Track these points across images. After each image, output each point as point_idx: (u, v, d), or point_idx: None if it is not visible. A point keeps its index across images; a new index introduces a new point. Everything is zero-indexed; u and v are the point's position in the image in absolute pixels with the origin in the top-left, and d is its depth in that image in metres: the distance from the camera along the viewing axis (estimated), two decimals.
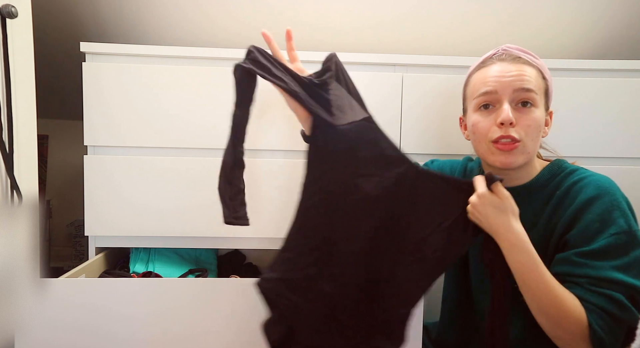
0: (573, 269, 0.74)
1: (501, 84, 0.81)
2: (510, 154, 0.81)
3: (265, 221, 1.19)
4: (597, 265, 0.72)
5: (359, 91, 0.95)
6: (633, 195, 1.19)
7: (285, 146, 1.19)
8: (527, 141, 0.81)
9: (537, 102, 0.81)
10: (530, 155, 0.83)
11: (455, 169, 1.05)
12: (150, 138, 1.16)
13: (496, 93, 0.82)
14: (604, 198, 0.76)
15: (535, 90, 0.81)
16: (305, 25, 1.36)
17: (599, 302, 0.70)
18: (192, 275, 1.21)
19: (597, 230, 0.74)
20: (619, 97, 1.19)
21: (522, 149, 0.81)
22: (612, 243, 0.73)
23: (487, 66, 0.86)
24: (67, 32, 1.42)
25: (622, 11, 1.34)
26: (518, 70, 0.81)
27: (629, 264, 0.72)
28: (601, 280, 0.71)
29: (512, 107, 0.81)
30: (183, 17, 1.35)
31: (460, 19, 1.35)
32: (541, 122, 0.82)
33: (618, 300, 0.69)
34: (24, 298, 0.43)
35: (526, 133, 0.80)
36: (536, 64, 0.84)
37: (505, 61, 0.84)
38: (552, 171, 0.86)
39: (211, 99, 1.16)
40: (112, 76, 1.14)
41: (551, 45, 1.42)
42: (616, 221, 0.74)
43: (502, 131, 0.80)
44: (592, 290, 0.71)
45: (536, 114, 0.81)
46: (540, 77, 0.84)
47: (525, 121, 0.80)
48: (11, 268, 0.42)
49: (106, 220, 1.16)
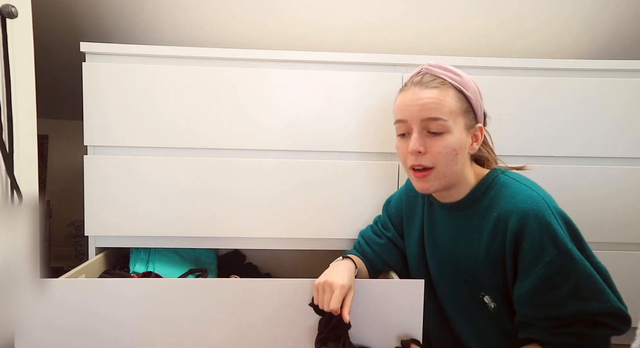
0: (533, 311, 0.77)
1: (410, 113, 0.83)
2: (425, 181, 0.84)
3: (265, 221, 1.19)
4: (552, 301, 0.75)
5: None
6: (635, 195, 1.20)
7: (285, 146, 1.19)
8: (441, 166, 0.82)
9: (449, 127, 0.81)
10: (449, 178, 0.85)
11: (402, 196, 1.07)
12: (151, 138, 1.16)
13: (406, 122, 0.84)
14: (530, 226, 0.77)
15: (444, 117, 0.81)
16: (305, 24, 1.37)
17: (566, 341, 0.74)
18: (192, 275, 1.20)
19: (533, 260, 0.76)
20: (618, 98, 1.19)
21: (436, 174, 0.83)
22: (550, 272, 0.74)
23: (404, 91, 0.86)
24: (67, 32, 1.42)
25: (620, 11, 1.34)
26: (428, 98, 0.81)
27: (576, 288, 0.74)
28: (561, 319, 0.75)
29: (423, 135, 0.82)
30: (184, 17, 1.35)
31: (459, 20, 1.35)
32: (456, 145, 0.82)
33: (581, 334, 0.74)
34: (24, 298, 0.43)
35: (437, 159, 0.82)
36: (456, 84, 0.83)
37: (418, 85, 0.84)
38: (485, 184, 0.87)
39: (212, 99, 1.16)
40: (112, 76, 1.14)
41: (548, 45, 1.42)
42: (547, 247, 0.75)
43: (414, 160, 0.83)
44: (556, 333, 0.75)
45: (447, 141, 0.81)
46: (458, 98, 0.83)
47: (436, 149, 0.82)
48: (11, 268, 0.41)
49: (106, 220, 1.16)
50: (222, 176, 1.17)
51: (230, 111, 1.17)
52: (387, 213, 1.10)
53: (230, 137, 1.17)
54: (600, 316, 0.73)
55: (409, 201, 1.04)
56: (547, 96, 1.19)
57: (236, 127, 1.17)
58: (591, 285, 0.74)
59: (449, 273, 0.93)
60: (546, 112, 1.20)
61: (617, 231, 1.21)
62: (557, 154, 1.21)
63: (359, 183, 1.20)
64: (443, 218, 0.94)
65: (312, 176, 1.19)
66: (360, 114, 1.19)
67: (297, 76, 1.17)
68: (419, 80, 0.85)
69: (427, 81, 0.83)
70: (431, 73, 0.85)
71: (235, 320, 0.89)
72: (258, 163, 1.18)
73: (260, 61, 1.18)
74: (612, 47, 1.43)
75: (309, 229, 1.20)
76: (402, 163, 0.89)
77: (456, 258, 0.91)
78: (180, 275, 1.21)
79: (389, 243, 1.07)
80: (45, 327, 0.86)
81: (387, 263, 1.06)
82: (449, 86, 0.83)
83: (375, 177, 1.20)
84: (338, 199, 1.20)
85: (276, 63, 1.19)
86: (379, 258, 1.06)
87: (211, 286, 0.89)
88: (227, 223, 1.18)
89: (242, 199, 1.18)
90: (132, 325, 0.87)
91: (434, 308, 1.00)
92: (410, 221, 1.03)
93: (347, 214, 1.20)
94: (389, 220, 1.09)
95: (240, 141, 1.18)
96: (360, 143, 1.20)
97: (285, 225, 1.20)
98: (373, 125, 1.19)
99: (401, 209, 1.06)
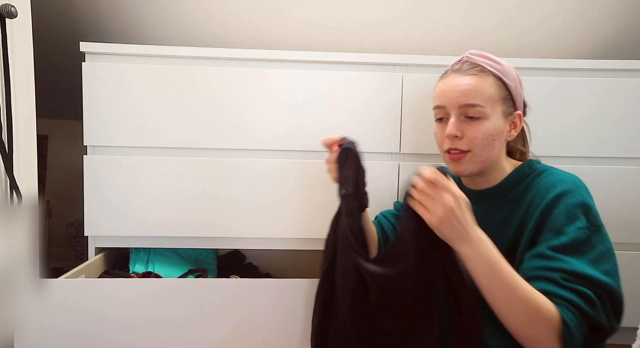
0: (547, 262, 0.74)
1: (449, 99, 0.85)
2: (459, 164, 0.86)
3: (265, 221, 1.19)
4: (569, 259, 0.73)
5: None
6: (637, 195, 1.20)
7: (285, 146, 1.18)
8: (477, 150, 0.84)
9: (487, 113, 0.84)
10: (485, 162, 0.86)
11: None
12: (151, 138, 1.16)
13: (445, 108, 0.87)
14: (569, 194, 0.78)
15: (481, 104, 0.83)
16: (306, 24, 1.36)
17: (572, 298, 0.70)
18: (192, 275, 1.20)
19: (564, 223, 0.76)
20: (620, 97, 1.19)
21: (472, 158, 0.85)
22: (579, 237, 0.74)
23: (444, 78, 0.89)
24: (66, 32, 1.41)
25: (622, 11, 1.34)
26: (466, 84, 0.84)
27: (597, 259, 0.74)
28: (574, 275, 0.72)
29: (460, 120, 0.85)
30: (184, 16, 1.35)
31: (459, 19, 1.35)
32: (493, 131, 0.84)
33: (589, 297, 0.70)
34: (24, 298, 0.43)
35: (473, 144, 0.84)
36: (496, 71, 0.86)
37: (458, 72, 0.87)
38: (522, 172, 0.89)
39: (212, 99, 1.16)
40: (112, 76, 1.14)
41: (550, 43, 1.42)
42: (581, 216, 0.76)
43: (450, 144, 0.86)
44: (565, 286, 0.71)
45: (484, 126, 0.84)
46: (497, 85, 0.85)
47: (473, 134, 0.84)
48: (11, 268, 0.41)
49: (106, 220, 1.16)
50: (223, 176, 1.17)
51: (231, 110, 1.17)
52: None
53: (231, 137, 1.17)
54: (607, 291, 0.71)
55: None
56: (556, 96, 1.19)
57: (237, 127, 1.17)
58: (611, 263, 0.74)
59: None
60: (554, 112, 1.20)
61: (628, 231, 1.21)
62: (565, 155, 1.21)
63: None
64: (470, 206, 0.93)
65: (312, 176, 1.19)
66: (360, 114, 1.19)
67: (297, 75, 1.17)
68: (459, 67, 0.87)
69: (466, 69, 0.86)
70: (471, 61, 0.87)
71: (235, 320, 0.89)
72: (258, 163, 1.18)
73: (261, 60, 1.18)
74: (620, 47, 1.43)
75: (309, 229, 1.20)
76: (438, 147, 0.91)
77: None
78: (180, 275, 1.21)
79: None
80: (44, 327, 0.86)
81: None
82: (488, 74, 0.85)
83: (376, 177, 1.20)
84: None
85: (277, 63, 1.18)
86: (393, 227, 1.06)
87: (211, 286, 0.89)
88: (227, 223, 1.18)
89: (242, 199, 1.18)
90: (131, 325, 0.87)
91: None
92: None
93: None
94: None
95: (241, 141, 1.18)
96: (361, 143, 1.19)
97: (285, 225, 1.19)
98: (373, 125, 1.19)
99: None
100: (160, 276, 1.16)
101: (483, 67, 0.85)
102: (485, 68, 0.85)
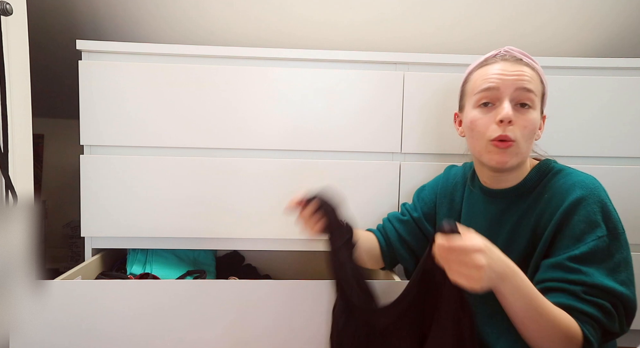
0: (568, 275, 0.74)
1: (503, 81, 0.82)
2: (505, 153, 0.82)
3: (264, 222, 1.18)
4: (589, 270, 0.73)
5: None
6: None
7: (285, 145, 1.17)
8: (522, 142, 0.81)
9: (535, 104, 0.82)
10: (523, 157, 0.84)
11: (439, 183, 1.07)
12: (147, 137, 1.15)
13: (498, 90, 0.82)
14: (589, 199, 0.77)
15: (535, 91, 0.82)
16: (306, 21, 1.35)
17: (593, 312, 0.71)
18: (191, 277, 1.19)
19: (584, 231, 0.76)
20: (623, 95, 1.19)
21: (516, 149, 0.82)
22: (598, 246, 0.74)
23: (489, 64, 0.86)
24: (62, 30, 1.40)
25: (626, 9, 1.33)
26: (520, 70, 0.82)
27: (614, 268, 0.74)
28: (594, 288, 0.72)
29: (511, 107, 0.81)
30: (181, 14, 1.34)
31: (462, 17, 1.34)
32: (537, 124, 0.83)
33: (608, 309, 0.71)
34: (20, 299, 0.42)
35: (522, 133, 0.81)
36: (536, 68, 0.86)
37: (507, 61, 0.85)
38: (540, 171, 0.87)
39: (211, 98, 1.15)
40: (109, 74, 1.13)
41: (553, 42, 1.42)
42: (601, 224, 0.76)
43: (501, 130, 0.81)
44: (587, 300, 0.72)
45: (533, 116, 0.82)
46: (539, 80, 0.85)
47: (523, 122, 0.81)
48: (6, 270, 0.40)
49: (103, 220, 1.15)
50: (222, 176, 1.16)
51: (230, 109, 1.16)
52: (419, 198, 1.09)
53: (230, 136, 1.16)
54: (623, 302, 0.72)
55: (446, 188, 1.03)
56: (565, 95, 1.19)
57: (236, 126, 1.16)
58: (628, 272, 0.74)
59: None
60: (563, 111, 1.19)
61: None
62: (574, 154, 1.20)
63: (360, 182, 1.19)
64: (484, 206, 0.92)
65: (312, 176, 1.18)
66: (361, 114, 1.18)
67: (297, 74, 1.16)
68: (507, 56, 0.85)
69: (517, 58, 0.84)
70: (512, 55, 0.86)
71: (234, 322, 0.88)
72: (257, 162, 1.17)
73: (261, 59, 1.17)
74: (619, 46, 1.43)
75: None
76: (479, 136, 0.85)
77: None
78: (178, 277, 1.20)
79: (412, 222, 1.06)
80: (40, 329, 0.85)
81: (405, 241, 1.04)
82: (532, 68, 0.84)
83: (376, 176, 1.19)
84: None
85: (277, 61, 1.17)
86: (398, 235, 1.05)
87: (210, 287, 0.88)
88: (226, 223, 1.17)
89: (242, 199, 1.17)
90: (129, 327, 0.86)
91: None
92: (444, 208, 1.02)
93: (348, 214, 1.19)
94: (419, 204, 1.08)
95: (241, 141, 1.17)
96: (361, 143, 1.19)
97: (285, 225, 1.18)
98: (374, 124, 1.18)
99: (435, 196, 1.06)
100: (158, 278, 1.15)
101: (526, 62, 0.84)
102: (531, 63, 0.85)
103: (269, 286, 0.89)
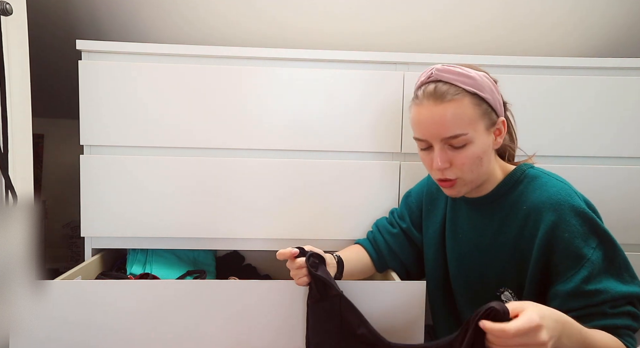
0: (590, 299, 0.75)
1: (430, 133, 0.83)
2: (453, 189, 0.86)
3: (264, 221, 1.18)
4: (605, 286, 0.75)
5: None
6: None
7: (285, 145, 1.17)
8: (466, 175, 0.84)
9: (471, 139, 0.81)
10: (477, 181, 0.87)
11: (424, 188, 1.08)
12: (148, 137, 1.15)
13: (427, 140, 0.85)
14: (565, 216, 0.78)
15: (464, 132, 0.80)
16: (306, 16, 1.35)
17: (624, 322, 0.74)
18: (190, 277, 1.19)
19: (579, 247, 0.77)
20: (623, 96, 1.19)
21: (462, 182, 0.85)
22: (599, 257, 0.77)
23: (419, 105, 0.84)
24: (62, 30, 1.40)
25: (625, 9, 1.33)
26: (445, 114, 0.80)
27: (618, 272, 0.77)
28: (615, 300, 0.75)
29: (445, 149, 0.83)
30: (182, 14, 1.34)
31: (464, 15, 1.34)
32: (479, 152, 0.82)
33: (633, 313, 0.75)
34: (20, 299, 0.42)
35: (462, 169, 0.83)
36: (470, 89, 0.81)
37: (433, 99, 0.81)
38: (514, 178, 0.88)
39: (211, 98, 1.15)
40: (109, 74, 1.13)
41: (553, 43, 1.41)
42: (591, 235, 0.78)
43: (440, 174, 0.85)
44: (614, 314, 0.74)
45: (470, 151, 0.82)
46: (475, 103, 0.81)
47: (460, 160, 0.82)
48: (6, 270, 0.40)
49: (103, 220, 1.14)
50: (221, 176, 1.16)
51: (230, 109, 1.16)
52: (407, 204, 1.10)
53: (230, 136, 1.16)
54: (638, 297, 0.76)
55: (430, 193, 1.05)
56: (557, 95, 1.19)
57: (236, 126, 1.16)
58: (628, 269, 0.78)
59: (468, 266, 0.94)
60: (555, 111, 1.19)
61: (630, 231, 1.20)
62: (567, 154, 1.20)
63: (360, 182, 1.19)
64: (467, 211, 0.94)
65: (312, 175, 1.18)
66: (361, 114, 1.18)
67: (296, 74, 1.16)
68: (432, 91, 0.81)
69: (441, 93, 0.80)
70: (443, 80, 0.82)
71: (234, 322, 0.88)
72: (257, 162, 1.17)
73: (261, 59, 1.17)
74: (619, 46, 1.43)
75: (309, 230, 1.19)
76: (429, 171, 0.90)
77: (478, 252, 0.91)
78: (178, 277, 1.19)
79: (402, 233, 1.07)
80: (40, 329, 0.84)
81: (396, 254, 1.06)
82: (464, 94, 0.80)
83: (376, 176, 1.19)
84: (338, 199, 1.19)
85: (276, 61, 1.17)
86: (389, 247, 1.06)
87: (210, 287, 0.88)
88: (226, 223, 1.17)
89: (242, 199, 1.17)
90: (129, 327, 0.86)
91: (443, 302, 1.00)
92: (430, 214, 1.03)
93: (347, 215, 1.19)
94: (407, 211, 1.09)
95: (241, 141, 1.16)
96: (361, 143, 1.19)
97: (285, 225, 1.18)
98: (374, 124, 1.18)
99: (421, 202, 1.06)
100: (158, 278, 1.15)
101: (457, 88, 0.80)
102: (460, 88, 0.80)
103: (269, 286, 0.89)
